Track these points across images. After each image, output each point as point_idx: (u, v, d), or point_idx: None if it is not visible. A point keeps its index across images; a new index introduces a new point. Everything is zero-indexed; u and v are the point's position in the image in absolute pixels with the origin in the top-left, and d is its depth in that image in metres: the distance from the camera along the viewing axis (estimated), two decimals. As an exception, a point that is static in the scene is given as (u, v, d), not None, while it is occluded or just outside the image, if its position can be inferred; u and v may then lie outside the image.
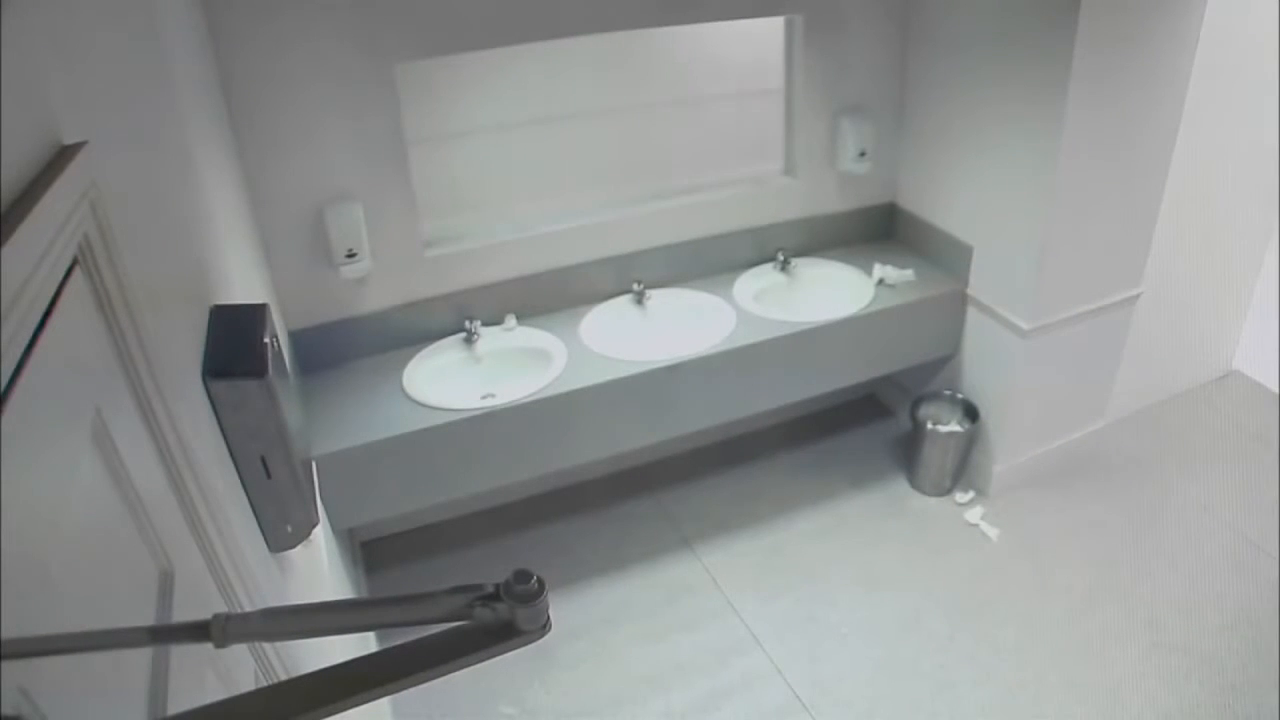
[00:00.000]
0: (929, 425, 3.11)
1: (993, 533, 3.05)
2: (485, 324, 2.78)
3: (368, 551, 3.07)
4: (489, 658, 0.63)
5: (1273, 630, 2.63)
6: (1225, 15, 2.70)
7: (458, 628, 0.63)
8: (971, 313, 3.08)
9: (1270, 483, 3.16)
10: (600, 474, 3.34)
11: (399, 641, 0.63)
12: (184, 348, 1.14)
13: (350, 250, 2.48)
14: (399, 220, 2.58)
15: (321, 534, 2.01)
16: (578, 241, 2.88)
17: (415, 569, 3.00)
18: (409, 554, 3.06)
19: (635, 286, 2.93)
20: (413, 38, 2.38)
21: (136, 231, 0.95)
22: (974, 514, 3.12)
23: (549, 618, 0.63)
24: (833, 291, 3.04)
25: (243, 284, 1.76)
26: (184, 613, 0.89)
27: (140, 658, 0.80)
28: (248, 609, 1.12)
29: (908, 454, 3.31)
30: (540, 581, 0.62)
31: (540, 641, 0.63)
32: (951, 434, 3.10)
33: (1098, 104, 2.53)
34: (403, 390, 2.53)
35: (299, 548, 1.47)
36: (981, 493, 3.21)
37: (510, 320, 2.81)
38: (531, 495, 3.26)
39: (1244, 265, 3.54)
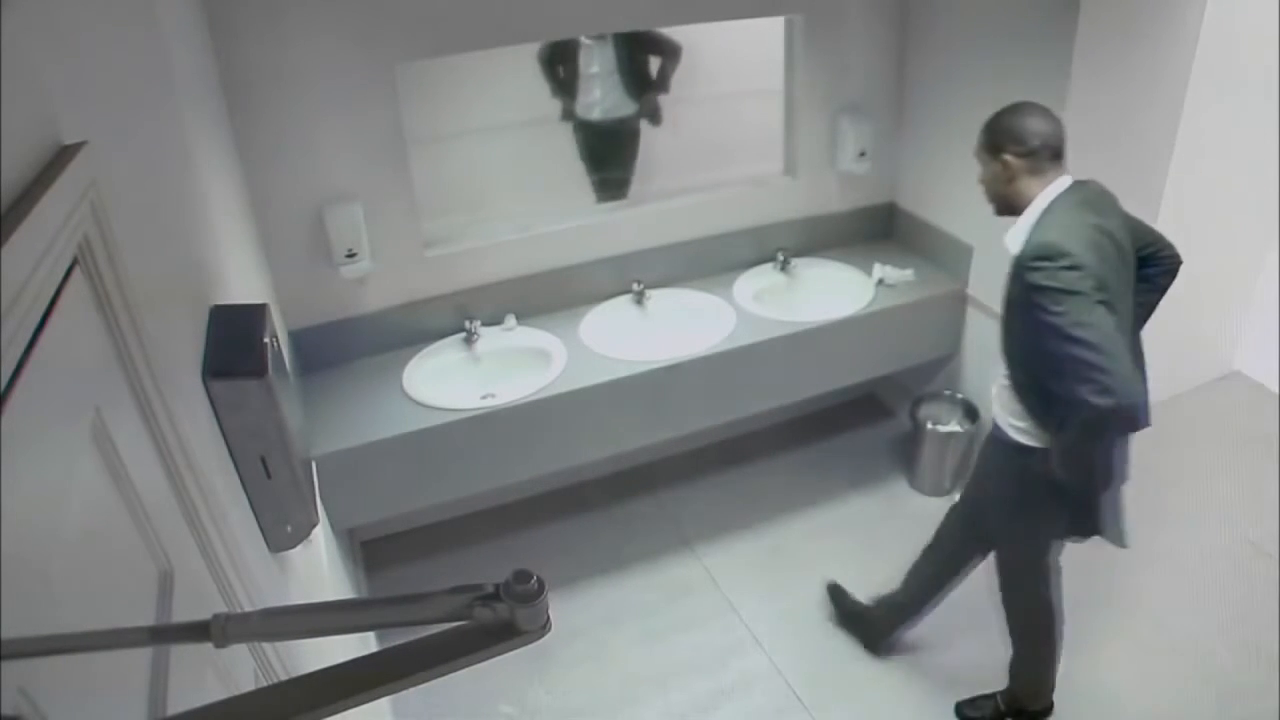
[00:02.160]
0: (929, 425, 3.11)
1: (993, 533, 3.04)
2: (485, 324, 2.77)
3: (368, 551, 3.07)
4: (489, 658, 0.62)
5: (1273, 630, 2.62)
6: (1225, 14, 2.70)
7: (458, 628, 0.63)
8: (971, 313, 3.08)
9: (1270, 483, 3.15)
10: (600, 474, 3.34)
11: (399, 641, 0.63)
12: (184, 348, 1.14)
13: (350, 250, 2.48)
14: (399, 220, 2.58)
15: (321, 534, 2.01)
16: (578, 241, 2.88)
17: (415, 569, 3.00)
18: (409, 554, 3.06)
19: (635, 286, 2.93)
20: (413, 38, 2.38)
21: (136, 231, 0.95)
22: (974, 514, 3.12)
23: (549, 618, 0.63)
24: (832, 291, 3.03)
25: (243, 284, 1.76)
26: (184, 613, 0.89)
27: (140, 658, 0.80)
28: (248, 609, 1.12)
29: (908, 454, 3.31)
30: (540, 581, 0.62)
31: (540, 641, 0.63)
32: (951, 434, 3.10)
33: (1097, 103, 2.53)
34: (403, 390, 2.53)
35: (299, 548, 1.47)
36: (981, 493, 3.21)
37: (510, 320, 2.81)
38: (531, 495, 3.26)
39: (1244, 265, 3.53)
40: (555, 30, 2.57)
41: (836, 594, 2.74)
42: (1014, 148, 1.81)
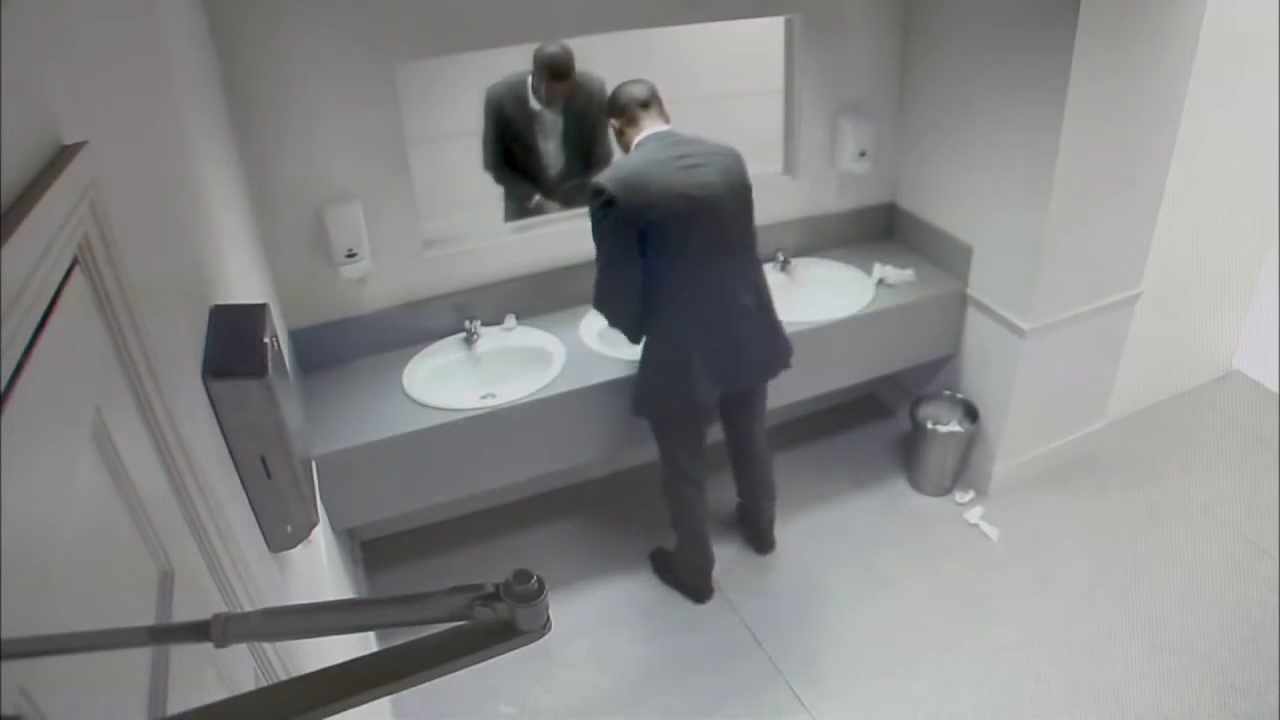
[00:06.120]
0: (929, 425, 3.11)
1: (993, 533, 3.05)
2: (485, 324, 2.77)
3: (368, 551, 3.07)
4: (489, 658, 0.62)
5: (1273, 630, 2.63)
6: (1225, 14, 2.70)
7: (458, 628, 0.63)
8: (971, 313, 3.08)
9: (1270, 483, 3.16)
10: (600, 474, 3.34)
11: (399, 641, 0.63)
12: (184, 348, 1.14)
13: (350, 250, 2.48)
14: (399, 220, 2.58)
15: (321, 534, 2.01)
16: (577, 241, 2.87)
17: (415, 569, 3.00)
18: (409, 554, 3.06)
19: (635, 286, 2.92)
20: (413, 38, 2.38)
21: (136, 231, 0.95)
22: (974, 514, 3.12)
23: (549, 618, 0.63)
24: (833, 291, 3.03)
25: (243, 284, 1.76)
26: (184, 613, 0.89)
27: (140, 658, 0.80)
28: (248, 609, 1.12)
29: (908, 454, 3.31)
30: (540, 581, 0.62)
31: (540, 641, 0.63)
32: (951, 434, 3.10)
33: (1097, 103, 2.53)
34: (403, 390, 2.53)
35: (299, 548, 1.47)
36: (981, 493, 3.21)
37: (510, 320, 2.81)
38: (531, 495, 3.26)
39: (1244, 265, 3.53)
40: (555, 30, 2.57)
41: (658, 557, 2.96)
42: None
